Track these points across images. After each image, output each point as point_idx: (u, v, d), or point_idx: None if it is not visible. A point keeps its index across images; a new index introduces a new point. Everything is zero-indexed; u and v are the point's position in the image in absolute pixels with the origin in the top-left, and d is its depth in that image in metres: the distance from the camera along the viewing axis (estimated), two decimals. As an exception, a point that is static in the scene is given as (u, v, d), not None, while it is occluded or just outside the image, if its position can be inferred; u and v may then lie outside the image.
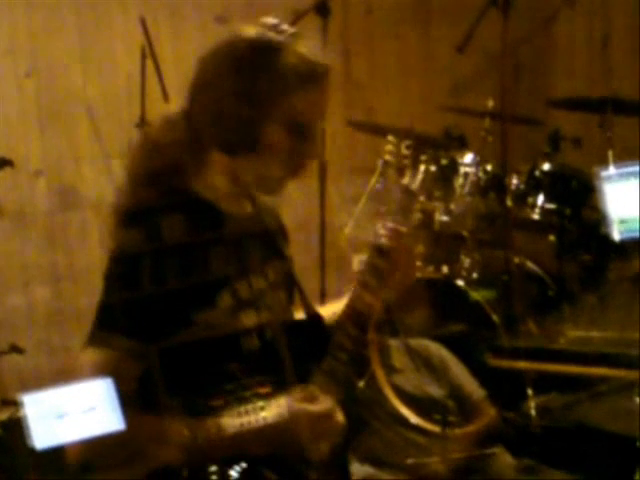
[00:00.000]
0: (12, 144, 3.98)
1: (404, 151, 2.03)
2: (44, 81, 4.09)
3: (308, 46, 1.82)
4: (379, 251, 1.93)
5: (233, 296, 1.82)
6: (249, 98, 1.76)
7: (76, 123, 4.17)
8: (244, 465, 1.72)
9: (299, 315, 1.99)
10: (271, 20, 1.84)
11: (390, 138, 2.08)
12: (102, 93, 4.22)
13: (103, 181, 4.01)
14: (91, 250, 4.13)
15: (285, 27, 1.83)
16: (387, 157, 2.04)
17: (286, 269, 2.00)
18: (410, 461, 3.18)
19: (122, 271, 1.75)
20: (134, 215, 1.80)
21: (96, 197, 4.06)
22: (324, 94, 1.82)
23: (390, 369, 3.34)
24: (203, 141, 1.83)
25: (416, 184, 1.99)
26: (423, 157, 2.08)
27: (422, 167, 2.07)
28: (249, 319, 1.84)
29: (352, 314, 1.90)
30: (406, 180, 2.00)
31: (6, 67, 4.02)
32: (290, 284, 2.01)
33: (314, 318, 1.98)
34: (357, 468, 1.98)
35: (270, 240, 1.98)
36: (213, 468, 1.70)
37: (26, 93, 4.07)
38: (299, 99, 1.78)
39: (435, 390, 3.24)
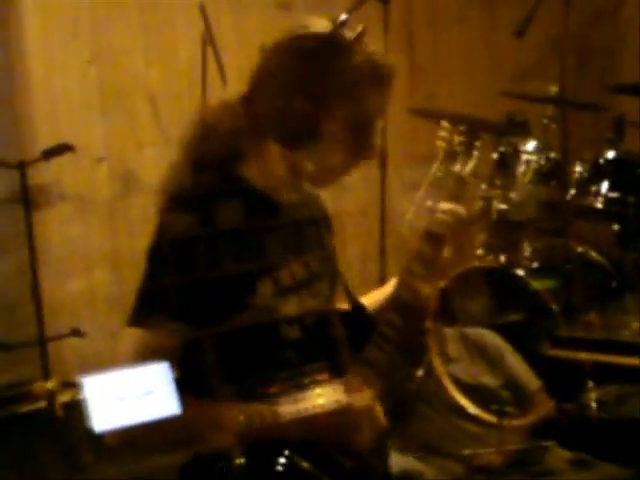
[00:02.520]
0: (74, 130, 4.02)
1: (457, 137, 2.01)
2: (106, 67, 4.11)
3: (374, 45, 1.82)
4: (429, 237, 1.91)
5: (274, 284, 1.82)
6: (313, 93, 1.76)
7: (138, 109, 4.20)
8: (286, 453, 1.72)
9: (343, 306, 1.98)
10: (341, 16, 1.82)
11: (444, 124, 2.04)
12: (163, 79, 4.23)
13: (164, 166, 4.01)
14: (152, 235, 4.15)
15: (354, 25, 1.82)
16: (440, 143, 2.02)
17: (329, 259, 2.00)
18: (466, 451, 3.17)
19: (168, 254, 1.77)
20: (184, 199, 1.82)
21: (157, 183, 4.07)
22: (386, 94, 1.83)
23: (445, 358, 3.32)
24: (261, 130, 1.83)
25: (468, 171, 1.97)
26: (478, 143, 2.03)
27: (476, 153, 2.03)
28: (290, 307, 1.84)
29: (397, 303, 1.89)
30: (457, 167, 1.98)
31: (69, 53, 4.05)
32: (332, 274, 2.00)
33: (357, 308, 1.97)
34: (398, 459, 1.96)
35: (314, 229, 1.99)
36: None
37: (89, 79, 4.09)
38: (362, 98, 1.79)
39: (490, 380, 3.22)
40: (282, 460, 1.71)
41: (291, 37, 1.82)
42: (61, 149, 3.79)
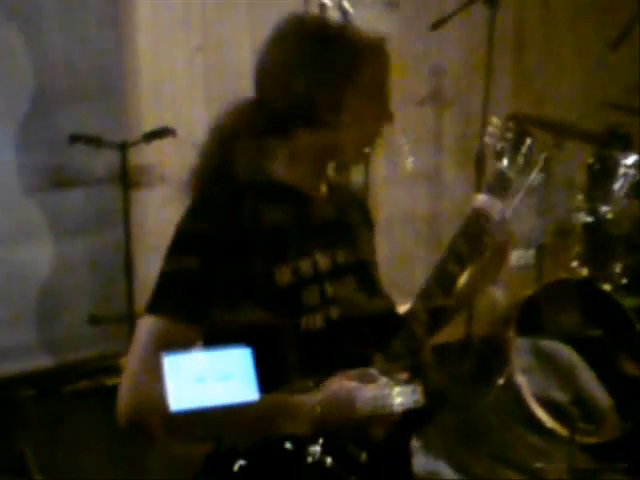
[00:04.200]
0: (178, 115, 4.09)
1: (506, 134, 1.99)
2: (213, 56, 4.17)
3: (375, 16, 1.95)
4: (464, 234, 1.90)
5: (294, 273, 1.83)
6: (327, 69, 1.82)
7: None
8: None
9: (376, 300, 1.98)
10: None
11: (494, 120, 2.03)
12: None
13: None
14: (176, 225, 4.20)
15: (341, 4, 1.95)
16: (487, 140, 2.01)
17: (359, 254, 1.99)
18: (538, 465, 3.14)
19: (190, 244, 1.80)
20: (209, 198, 1.86)
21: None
22: (388, 60, 1.90)
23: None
24: (288, 122, 1.86)
25: (513, 170, 1.95)
26: (528, 141, 2.01)
27: (524, 151, 2.00)
28: (311, 297, 1.84)
29: (432, 286, 1.88)
30: (503, 165, 1.97)
31: (178, 39, 4.12)
32: (362, 267, 1.99)
33: (386, 304, 1.98)
34: (424, 460, 1.94)
35: (343, 224, 1.99)
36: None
37: (195, 67, 4.16)
38: (370, 64, 1.85)
39: (559, 394, 3.16)
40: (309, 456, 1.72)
41: (287, 25, 1.89)
42: (162, 133, 3.89)
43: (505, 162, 1.97)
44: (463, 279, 2.01)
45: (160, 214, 4.15)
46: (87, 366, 4.15)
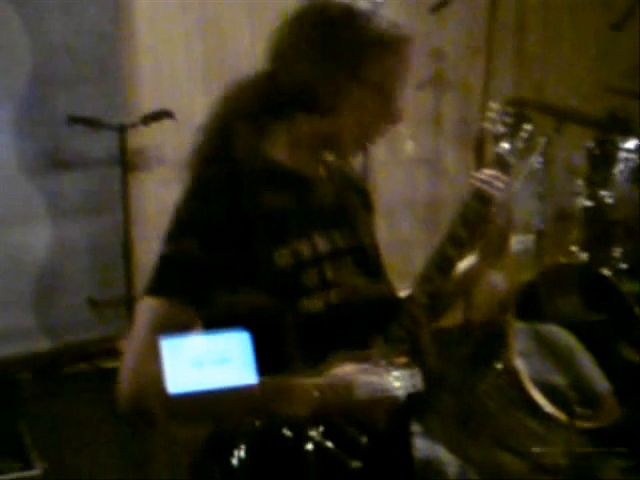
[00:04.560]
0: (177, 97, 4.08)
1: (505, 119, 1.99)
2: (212, 40, 4.17)
3: (394, 15, 1.86)
4: (478, 196, 1.90)
5: (293, 255, 1.83)
6: (335, 56, 1.80)
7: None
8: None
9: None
10: None
11: (493, 105, 2.03)
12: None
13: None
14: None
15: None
16: (487, 124, 2.01)
17: (358, 237, 1.98)
18: (535, 449, 3.14)
19: (190, 226, 1.79)
20: (208, 177, 1.85)
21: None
22: (406, 60, 1.86)
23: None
24: (289, 103, 1.85)
25: (512, 154, 1.95)
26: (527, 126, 2.01)
27: (524, 135, 2.01)
28: (310, 280, 1.84)
29: (432, 270, 1.88)
30: (500, 148, 1.96)
31: (177, 22, 4.11)
32: (362, 250, 1.98)
33: (385, 288, 1.98)
34: (425, 445, 1.94)
35: (342, 207, 1.98)
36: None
37: (194, 50, 4.16)
38: (382, 62, 1.83)
39: (557, 379, 3.16)
40: (308, 440, 1.72)
41: (312, 7, 1.85)
42: (160, 115, 3.88)
43: (505, 146, 1.97)
44: (463, 263, 2.01)
45: (159, 197, 4.15)
46: (86, 349, 4.15)
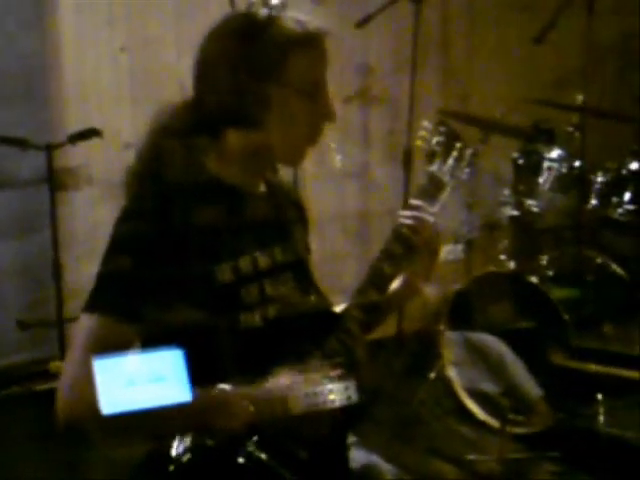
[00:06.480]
0: (104, 116, 4.05)
1: (436, 138, 2.02)
2: (138, 55, 4.14)
3: (301, 13, 1.87)
4: (397, 236, 1.94)
5: (234, 271, 1.83)
6: (252, 67, 1.81)
7: (167, 98, 4.19)
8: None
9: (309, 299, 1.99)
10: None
11: (425, 124, 2.07)
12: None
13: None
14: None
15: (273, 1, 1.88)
16: (418, 143, 2.04)
17: (297, 252, 2.00)
18: (470, 457, 3.18)
19: (126, 244, 1.79)
20: (146, 191, 1.84)
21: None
22: (324, 54, 1.89)
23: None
24: (217, 121, 1.86)
25: (445, 172, 1.99)
26: (458, 145, 2.05)
27: (455, 154, 2.04)
28: (250, 295, 1.85)
29: (368, 286, 1.91)
30: (434, 167, 2.00)
31: (103, 40, 4.08)
32: (300, 265, 2.00)
33: (322, 302, 1.99)
34: (361, 455, 1.96)
35: (282, 220, 2.00)
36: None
37: (120, 66, 4.13)
38: (298, 60, 1.83)
39: (489, 386, 3.21)
40: (242, 454, 1.72)
41: (215, 25, 1.88)
42: (88, 134, 3.84)
43: (437, 165, 2.01)
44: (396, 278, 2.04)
45: (88, 216, 4.12)
46: (16, 372, 4.09)
